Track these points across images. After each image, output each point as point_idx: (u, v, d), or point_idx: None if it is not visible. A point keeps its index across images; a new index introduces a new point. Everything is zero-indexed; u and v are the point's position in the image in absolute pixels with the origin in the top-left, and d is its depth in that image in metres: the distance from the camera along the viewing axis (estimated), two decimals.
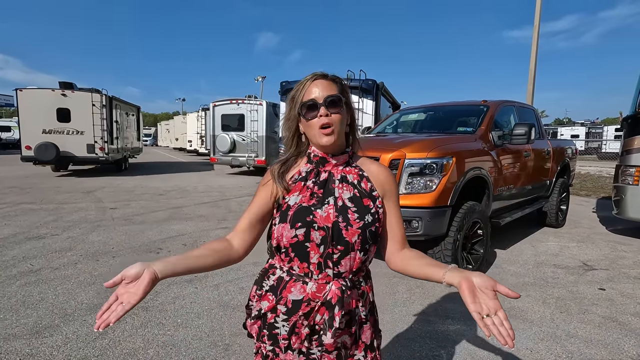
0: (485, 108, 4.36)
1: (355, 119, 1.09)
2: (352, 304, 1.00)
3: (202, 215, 6.11)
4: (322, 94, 0.98)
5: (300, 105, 1.00)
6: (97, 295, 2.98)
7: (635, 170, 4.77)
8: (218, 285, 3.25)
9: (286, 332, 0.98)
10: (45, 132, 10.90)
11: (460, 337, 2.47)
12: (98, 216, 5.85)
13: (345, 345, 1.01)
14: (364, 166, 1.08)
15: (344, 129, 1.03)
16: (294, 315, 0.97)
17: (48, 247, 4.17)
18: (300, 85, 1.01)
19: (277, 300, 1.00)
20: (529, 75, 11.82)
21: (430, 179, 3.14)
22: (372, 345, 1.06)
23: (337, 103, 0.98)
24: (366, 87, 8.59)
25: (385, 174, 1.08)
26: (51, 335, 2.37)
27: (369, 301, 1.06)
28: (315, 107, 0.97)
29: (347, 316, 0.99)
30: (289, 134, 1.07)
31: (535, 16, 11.55)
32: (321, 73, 1.02)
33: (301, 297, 0.97)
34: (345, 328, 0.99)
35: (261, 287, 1.06)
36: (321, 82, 1.00)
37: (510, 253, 4.38)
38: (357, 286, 1.02)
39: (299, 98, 1.00)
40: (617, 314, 2.86)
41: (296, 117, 1.03)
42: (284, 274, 1.01)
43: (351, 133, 1.08)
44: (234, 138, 12.91)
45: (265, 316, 1.02)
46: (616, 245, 4.78)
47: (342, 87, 1.02)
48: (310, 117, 0.98)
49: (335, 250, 0.95)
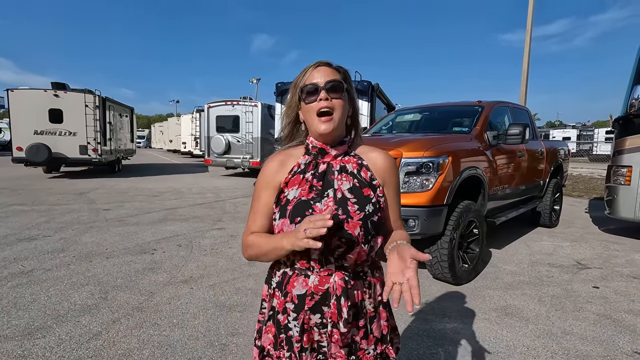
0: (480, 108, 4.40)
1: (357, 111, 1.06)
2: (358, 295, 0.98)
3: (197, 217, 6.06)
4: (324, 79, 0.96)
5: (300, 89, 0.98)
6: (90, 296, 2.93)
7: (626, 171, 4.83)
8: (214, 285, 3.23)
9: (298, 333, 0.95)
10: (37, 133, 10.75)
11: (457, 335, 2.48)
12: (91, 217, 5.78)
13: (354, 339, 0.99)
14: (363, 155, 1.04)
15: (344, 118, 1.00)
16: (302, 312, 0.95)
17: (40, 249, 4.10)
18: (303, 72, 1.00)
19: (284, 295, 0.98)
20: (522, 77, 11.95)
21: (427, 178, 3.15)
22: (385, 338, 1.04)
23: (338, 88, 0.96)
24: (361, 89, 8.61)
25: (383, 161, 1.04)
26: (44, 337, 2.32)
27: (378, 293, 1.03)
28: (316, 91, 0.95)
29: (354, 309, 0.97)
30: (289, 120, 1.05)
31: (528, 20, 11.69)
32: (325, 61, 1.00)
33: (304, 290, 0.96)
34: (353, 321, 0.97)
35: (270, 285, 1.04)
36: (324, 68, 0.98)
37: (506, 252, 4.41)
38: (362, 277, 1.00)
39: (301, 82, 0.99)
40: (611, 311, 2.89)
41: (297, 103, 1.01)
42: (287, 268, 1.00)
43: (353, 125, 1.06)
44: (229, 139, 12.87)
45: (278, 318, 0.99)
46: (609, 245, 4.84)
47: (345, 76, 1.01)
48: (310, 101, 0.96)
49: (341, 244, 0.93)
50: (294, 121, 1.05)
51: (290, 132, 1.06)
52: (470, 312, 2.83)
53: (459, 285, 3.34)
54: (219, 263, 3.81)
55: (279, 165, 1.02)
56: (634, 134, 4.78)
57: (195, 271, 3.56)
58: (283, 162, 1.03)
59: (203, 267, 3.67)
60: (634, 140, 4.78)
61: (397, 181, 1.06)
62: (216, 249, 4.29)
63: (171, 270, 3.57)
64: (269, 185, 1.01)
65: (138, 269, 3.58)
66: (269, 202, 1.01)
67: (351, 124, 1.05)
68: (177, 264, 3.75)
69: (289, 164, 1.03)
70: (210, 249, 4.28)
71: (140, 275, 3.40)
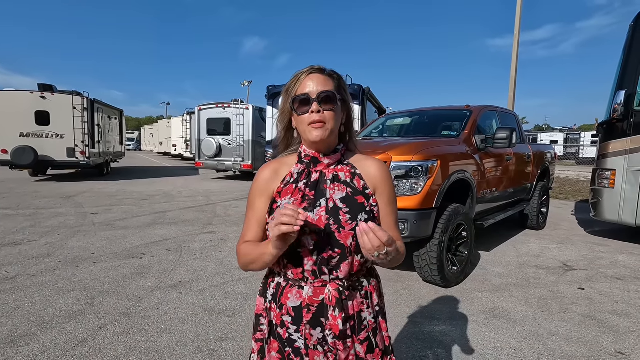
0: (468, 113, 4.46)
1: (352, 117, 1.04)
2: (355, 306, 0.96)
3: (187, 220, 6.01)
4: (316, 88, 0.93)
5: (292, 99, 0.95)
6: (76, 302, 2.88)
7: (610, 174, 4.95)
8: (203, 290, 3.20)
9: (304, 346, 0.94)
10: (23, 136, 10.56)
11: (447, 338, 2.50)
12: (78, 221, 5.68)
13: (359, 355, 0.96)
14: (357, 163, 1.02)
15: (338, 127, 0.98)
16: (302, 325, 0.93)
17: (24, 254, 4.02)
18: (295, 78, 0.97)
19: (279, 308, 0.96)
20: (510, 82, 12.17)
21: (416, 181, 3.18)
22: (387, 350, 1.03)
23: (331, 100, 0.94)
24: (352, 92, 8.66)
25: (377, 170, 1.01)
26: (27, 344, 2.27)
27: (375, 302, 1.01)
28: (308, 102, 0.93)
29: (352, 321, 0.95)
30: (283, 126, 1.03)
31: (515, 25, 11.92)
32: (318, 67, 0.97)
33: (299, 302, 0.94)
34: (353, 335, 0.95)
35: (266, 298, 1.02)
36: (317, 76, 0.95)
37: (494, 255, 4.47)
38: (359, 288, 0.98)
39: (293, 91, 0.96)
40: (596, 312, 2.95)
41: (289, 110, 0.98)
42: (281, 279, 0.99)
43: (347, 132, 1.03)
44: (220, 142, 12.80)
45: (278, 332, 0.97)
46: (594, 247, 4.94)
47: (339, 83, 0.98)
48: (301, 112, 0.94)
49: (333, 254, 0.91)
50: (287, 127, 1.03)
51: (285, 138, 1.05)
52: (459, 315, 2.86)
53: (448, 288, 3.37)
54: (209, 267, 3.78)
55: (272, 174, 1.01)
56: (617, 138, 4.90)
57: (185, 276, 3.52)
58: (276, 171, 1.02)
59: (192, 272, 3.63)
60: (617, 145, 4.90)
61: (391, 190, 1.02)
62: (206, 253, 4.25)
63: (160, 275, 3.53)
64: (263, 194, 1.00)
65: (126, 274, 3.53)
66: (262, 210, 0.99)
67: (345, 130, 1.02)
68: (166, 268, 3.71)
69: (282, 172, 1.01)
70: (200, 253, 4.25)
71: (128, 281, 3.36)
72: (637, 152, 4.69)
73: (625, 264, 4.20)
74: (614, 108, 4.81)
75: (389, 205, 1.01)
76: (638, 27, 4.83)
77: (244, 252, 0.98)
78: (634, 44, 4.82)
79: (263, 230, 1.01)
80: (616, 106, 4.76)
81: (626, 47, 4.95)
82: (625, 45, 4.97)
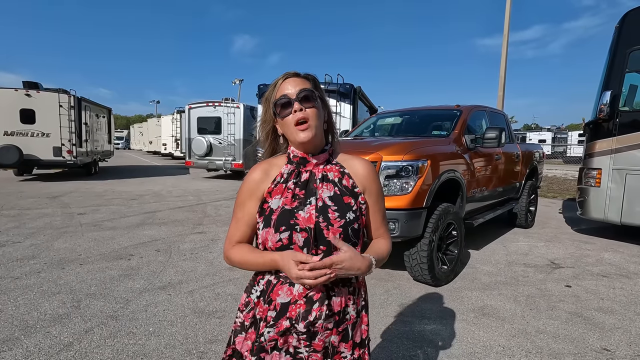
0: (458, 112, 4.49)
1: (332, 115, 1.07)
2: (342, 302, 0.99)
3: (177, 220, 5.94)
4: (294, 90, 0.97)
5: (274, 104, 0.99)
6: (62, 305, 2.82)
7: (596, 173, 5.04)
8: (193, 291, 3.16)
9: (275, 334, 0.96)
10: (7, 134, 10.32)
11: (436, 337, 2.51)
12: (64, 222, 5.57)
13: (334, 344, 1.00)
14: (345, 163, 1.06)
15: (322, 124, 1.02)
16: (282, 318, 0.96)
17: (8, 256, 3.92)
18: (272, 86, 1.01)
19: (267, 303, 0.98)
20: (499, 82, 12.29)
21: (406, 181, 3.19)
22: (363, 343, 1.06)
23: (311, 97, 0.97)
24: (344, 91, 8.67)
25: (364, 169, 1.05)
26: (10, 349, 2.21)
27: (361, 298, 1.05)
28: (289, 104, 0.96)
29: (337, 316, 0.98)
30: (265, 136, 1.06)
31: (505, 26, 12.05)
32: (293, 72, 1.02)
33: (288, 299, 0.97)
34: (334, 328, 0.98)
35: (250, 294, 1.04)
36: (293, 79, 1.00)
37: (483, 253, 4.51)
38: (347, 284, 1.01)
39: (272, 97, 0.99)
40: (582, 309, 3.00)
41: (272, 117, 1.02)
42: (271, 276, 1.00)
43: (329, 131, 1.07)
44: (211, 141, 12.68)
45: (258, 325, 0.99)
46: (581, 245, 5.03)
47: (314, 84, 1.02)
48: (285, 115, 0.97)
49: (319, 251, 0.95)
50: (271, 134, 1.06)
51: (270, 146, 1.07)
52: (449, 313, 2.88)
53: (438, 287, 3.40)
54: (199, 268, 3.74)
55: (263, 175, 1.03)
56: (603, 137, 4.99)
57: (174, 277, 3.48)
58: (267, 172, 1.04)
59: (182, 273, 3.59)
60: (603, 144, 4.99)
61: (379, 188, 1.07)
62: (196, 254, 4.21)
63: (148, 276, 3.48)
64: (253, 194, 1.02)
65: (113, 275, 3.47)
66: (252, 211, 1.02)
67: (327, 129, 1.06)
68: (155, 269, 3.66)
69: (273, 173, 1.04)
70: (190, 254, 4.20)
71: (116, 282, 3.30)
72: (622, 152, 4.79)
73: (611, 262, 4.28)
74: (600, 108, 4.89)
75: (377, 203, 1.06)
76: (623, 28, 4.93)
77: (241, 259, 1.02)
78: (619, 46, 4.91)
79: (252, 230, 1.04)
80: (602, 106, 4.85)
81: (612, 48, 5.04)
82: (611, 47, 5.06)
